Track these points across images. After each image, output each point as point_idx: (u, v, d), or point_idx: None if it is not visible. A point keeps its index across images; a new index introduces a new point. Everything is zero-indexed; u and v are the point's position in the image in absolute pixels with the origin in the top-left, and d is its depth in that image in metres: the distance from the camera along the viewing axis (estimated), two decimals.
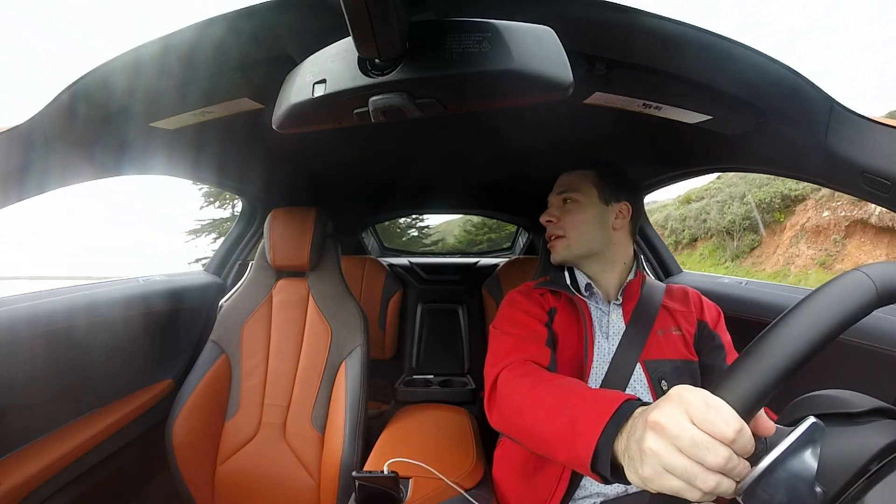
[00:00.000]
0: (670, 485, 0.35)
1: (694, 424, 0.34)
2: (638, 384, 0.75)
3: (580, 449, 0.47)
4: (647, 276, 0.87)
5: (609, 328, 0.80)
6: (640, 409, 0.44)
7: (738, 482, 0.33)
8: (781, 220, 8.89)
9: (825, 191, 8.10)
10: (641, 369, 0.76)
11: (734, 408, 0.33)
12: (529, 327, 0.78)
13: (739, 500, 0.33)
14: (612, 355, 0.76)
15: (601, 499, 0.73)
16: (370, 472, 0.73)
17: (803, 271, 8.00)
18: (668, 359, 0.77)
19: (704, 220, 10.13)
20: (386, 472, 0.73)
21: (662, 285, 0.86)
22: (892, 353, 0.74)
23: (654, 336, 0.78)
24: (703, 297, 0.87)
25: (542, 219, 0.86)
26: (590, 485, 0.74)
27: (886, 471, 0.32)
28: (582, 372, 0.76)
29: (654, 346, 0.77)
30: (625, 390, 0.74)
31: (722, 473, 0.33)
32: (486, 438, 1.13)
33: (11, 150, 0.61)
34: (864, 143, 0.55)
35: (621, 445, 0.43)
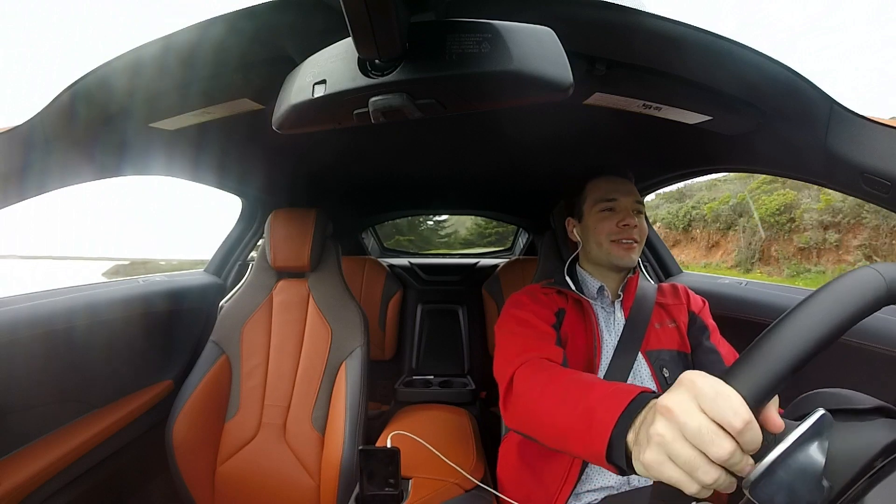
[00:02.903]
0: (669, 474, 0.34)
1: (703, 412, 0.33)
2: (642, 373, 0.79)
3: (595, 440, 0.47)
4: (641, 275, 0.90)
5: (613, 325, 0.84)
6: (654, 401, 0.43)
7: (741, 478, 0.33)
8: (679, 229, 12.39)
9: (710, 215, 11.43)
10: (644, 359, 0.79)
11: (744, 397, 0.32)
12: (538, 328, 0.79)
13: (746, 492, 0.32)
14: (615, 348, 0.79)
15: (605, 493, 0.74)
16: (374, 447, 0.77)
17: (683, 265, 12.50)
18: (666, 349, 0.81)
19: None
20: (389, 446, 0.76)
21: (655, 285, 0.90)
22: (892, 353, 0.74)
23: (653, 328, 0.82)
24: (688, 290, 0.92)
25: (631, 222, 0.81)
26: (595, 478, 0.75)
27: (888, 470, 0.32)
28: (591, 369, 0.78)
29: (653, 338, 0.81)
30: (627, 379, 0.76)
31: (724, 468, 0.33)
32: (486, 439, 1.13)
33: (11, 150, 0.61)
34: (864, 143, 0.55)
35: (633, 437, 0.43)
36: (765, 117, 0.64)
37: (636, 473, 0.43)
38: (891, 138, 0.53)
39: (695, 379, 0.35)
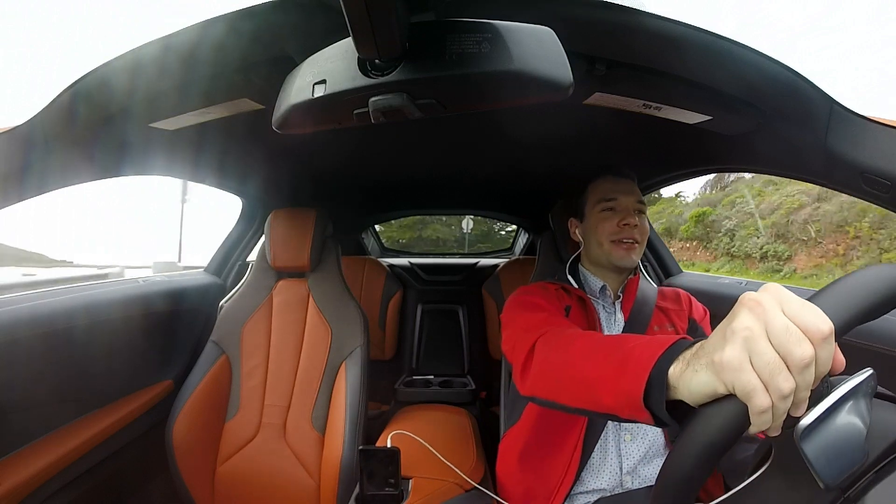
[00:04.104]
0: (747, 379, 0.31)
1: (787, 316, 0.32)
2: None
3: (631, 380, 0.42)
4: (642, 277, 0.90)
5: (614, 325, 0.84)
6: (702, 341, 0.39)
7: (797, 417, 0.31)
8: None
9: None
10: None
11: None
12: (552, 311, 0.78)
13: (796, 441, 0.31)
14: None
15: (598, 495, 0.74)
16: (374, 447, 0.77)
17: None
18: None
19: None
20: (389, 446, 0.76)
21: (656, 287, 0.90)
22: (892, 353, 0.74)
23: (651, 331, 0.82)
24: (692, 297, 0.91)
25: (631, 221, 0.81)
26: (589, 480, 0.75)
27: (888, 470, 0.32)
28: None
29: None
30: None
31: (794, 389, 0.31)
32: (486, 439, 1.14)
33: (11, 150, 0.61)
34: (864, 143, 0.55)
35: (679, 367, 0.38)
36: (765, 117, 0.64)
37: (673, 422, 0.40)
38: (891, 138, 0.53)
39: (779, 286, 0.34)
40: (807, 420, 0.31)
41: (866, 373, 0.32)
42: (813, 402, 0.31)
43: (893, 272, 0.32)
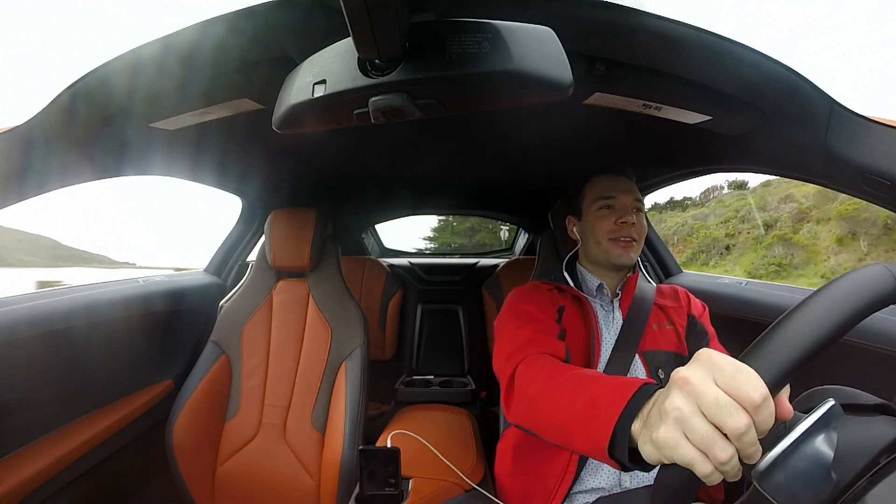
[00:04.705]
0: (684, 452, 0.33)
1: (719, 387, 0.33)
2: (638, 373, 0.78)
3: (598, 433, 0.45)
4: (640, 275, 0.89)
5: (612, 323, 0.84)
6: (660, 391, 0.42)
7: (751, 465, 0.32)
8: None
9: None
10: (640, 360, 0.79)
11: (762, 377, 0.32)
12: (541, 321, 0.79)
13: (755, 482, 0.31)
14: (613, 347, 0.79)
15: (597, 494, 0.74)
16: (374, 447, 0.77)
17: None
18: (663, 350, 0.81)
19: None
20: (389, 446, 0.76)
21: (654, 285, 0.90)
22: (892, 353, 0.74)
23: (650, 329, 0.82)
24: (690, 293, 0.91)
25: (629, 219, 0.81)
26: (587, 479, 0.75)
27: (890, 468, 0.32)
28: (589, 367, 0.78)
29: (650, 339, 0.81)
30: None
31: (737, 449, 0.32)
32: (486, 439, 1.14)
33: (11, 150, 0.61)
34: (864, 143, 0.55)
35: (638, 425, 0.41)
36: (765, 117, 0.65)
37: (638, 468, 0.43)
38: (891, 138, 0.53)
39: (712, 354, 0.35)
40: (762, 465, 0.31)
41: (826, 405, 0.32)
42: (770, 445, 0.32)
43: (822, 312, 0.33)
